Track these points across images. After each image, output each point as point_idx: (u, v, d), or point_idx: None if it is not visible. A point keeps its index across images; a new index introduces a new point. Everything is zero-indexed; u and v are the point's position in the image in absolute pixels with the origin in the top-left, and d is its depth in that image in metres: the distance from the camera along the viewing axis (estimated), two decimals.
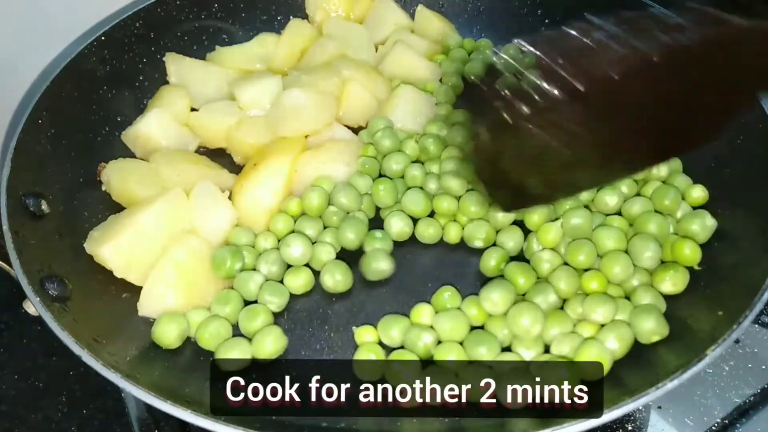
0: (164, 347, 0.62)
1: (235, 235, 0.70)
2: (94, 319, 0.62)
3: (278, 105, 0.78)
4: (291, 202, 0.72)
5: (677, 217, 0.68)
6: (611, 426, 0.64)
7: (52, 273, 0.62)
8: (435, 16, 0.95)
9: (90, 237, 0.67)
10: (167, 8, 0.87)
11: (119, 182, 0.72)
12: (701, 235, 0.65)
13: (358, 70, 0.84)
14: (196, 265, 0.66)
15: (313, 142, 0.78)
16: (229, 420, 0.50)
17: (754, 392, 0.65)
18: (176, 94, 0.83)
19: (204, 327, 0.62)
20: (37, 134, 0.71)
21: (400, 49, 0.88)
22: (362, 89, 0.82)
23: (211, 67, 0.88)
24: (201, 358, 0.62)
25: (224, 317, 0.63)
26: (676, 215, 0.68)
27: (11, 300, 0.63)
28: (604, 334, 0.58)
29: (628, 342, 0.58)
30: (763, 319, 0.70)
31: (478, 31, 0.97)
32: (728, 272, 0.63)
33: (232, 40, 0.93)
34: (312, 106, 0.77)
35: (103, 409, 0.66)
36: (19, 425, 0.65)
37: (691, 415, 0.64)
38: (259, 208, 0.72)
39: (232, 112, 0.81)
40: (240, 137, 0.78)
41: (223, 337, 0.62)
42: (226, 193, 0.73)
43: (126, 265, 0.64)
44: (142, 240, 0.65)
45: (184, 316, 0.63)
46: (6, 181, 0.65)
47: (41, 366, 0.69)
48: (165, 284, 0.64)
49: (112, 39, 0.82)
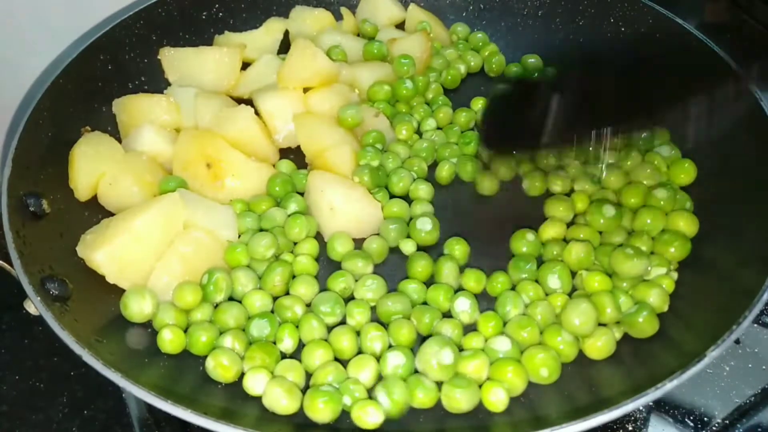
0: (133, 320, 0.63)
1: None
2: (95, 319, 0.62)
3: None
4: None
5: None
6: (611, 426, 0.64)
7: (52, 273, 0.62)
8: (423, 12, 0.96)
9: (82, 240, 0.66)
10: (167, 8, 0.88)
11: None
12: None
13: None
14: (201, 258, 0.66)
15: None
16: (229, 420, 0.50)
17: (755, 392, 0.65)
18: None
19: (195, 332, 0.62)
20: (38, 134, 0.71)
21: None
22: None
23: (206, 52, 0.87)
24: (201, 358, 0.62)
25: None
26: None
27: (12, 300, 0.63)
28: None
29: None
30: (763, 319, 0.70)
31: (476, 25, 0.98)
32: (728, 272, 0.63)
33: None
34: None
35: (104, 409, 0.66)
36: (20, 425, 0.65)
37: (691, 415, 0.64)
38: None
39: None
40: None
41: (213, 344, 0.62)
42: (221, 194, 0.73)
43: (119, 271, 0.64)
44: (136, 246, 0.65)
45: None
46: (7, 181, 0.65)
47: (42, 366, 0.69)
48: (171, 277, 0.65)
49: (113, 39, 0.82)
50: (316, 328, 0.63)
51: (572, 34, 0.93)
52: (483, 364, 0.59)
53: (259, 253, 0.68)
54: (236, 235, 0.70)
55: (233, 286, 0.66)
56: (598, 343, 0.60)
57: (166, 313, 0.63)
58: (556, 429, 0.49)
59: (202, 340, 0.61)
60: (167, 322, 0.63)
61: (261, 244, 0.68)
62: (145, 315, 0.63)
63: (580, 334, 0.61)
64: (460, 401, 0.56)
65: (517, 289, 0.66)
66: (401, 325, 0.62)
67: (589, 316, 0.60)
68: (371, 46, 0.89)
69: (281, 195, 0.75)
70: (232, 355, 0.60)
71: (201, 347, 0.61)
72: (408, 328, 0.62)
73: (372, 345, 0.61)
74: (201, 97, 0.81)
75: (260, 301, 0.65)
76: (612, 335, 0.61)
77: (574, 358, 0.61)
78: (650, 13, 0.86)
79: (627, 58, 0.69)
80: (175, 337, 0.62)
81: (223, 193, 0.74)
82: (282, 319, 0.64)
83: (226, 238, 0.70)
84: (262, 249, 0.68)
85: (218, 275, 0.65)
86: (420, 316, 0.63)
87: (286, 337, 0.62)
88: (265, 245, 0.68)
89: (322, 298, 0.65)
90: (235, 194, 0.74)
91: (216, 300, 0.65)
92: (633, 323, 0.61)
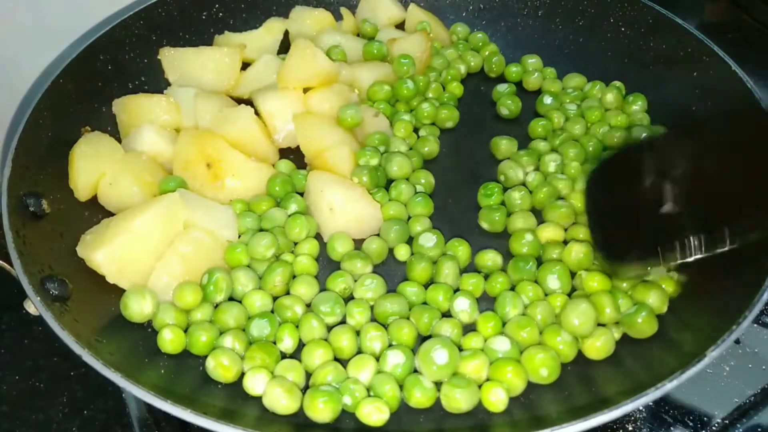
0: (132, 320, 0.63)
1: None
2: (95, 319, 0.62)
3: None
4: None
5: None
6: (611, 426, 0.64)
7: (52, 273, 0.62)
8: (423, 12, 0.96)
9: (82, 240, 0.66)
10: (167, 8, 0.88)
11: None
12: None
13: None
14: (201, 257, 0.66)
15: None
16: (229, 420, 0.50)
17: (754, 392, 0.65)
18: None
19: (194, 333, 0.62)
20: (38, 134, 0.71)
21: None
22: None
23: (206, 52, 0.87)
24: (201, 358, 0.62)
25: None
26: None
27: (12, 301, 0.63)
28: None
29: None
30: (763, 319, 0.70)
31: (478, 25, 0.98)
32: (728, 272, 0.63)
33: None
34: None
35: (104, 409, 0.66)
36: (20, 425, 0.65)
37: (691, 415, 0.64)
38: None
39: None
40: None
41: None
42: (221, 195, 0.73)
43: (119, 271, 0.64)
44: (136, 246, 0.65)
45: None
46: (7, 181, 0.65)
47: (42, 366, 0.69)
48: (171, 277, 0.65)
49: (113, 39, 0.82)
50: (316, 327, 0.63)
51: (572, 34, 0.93)
52: (483, 364, 0.59)
53: (259, 253, 0.68)
54: (236, 235, 0.70)
55: (233, 286, 0.66)
56: (597, 343, 0.60)
57: (166, 313, 0.63)
58: (556, 429, 0.49)
59: (202, 340, 0.61)
60: (167, 322, 0.63)
61: (261, 244, 0.68)
62: (145, 315, 0.63)
63: (579, 335, 0.61)
64: (459, 401, 0.56)
65: (517, 290, 0.66)
66: (402, 325, 0.62)
67: (588, 316, 0.60)
68: (371, 46, 0.89)
69: (281, 195, 0.75)
70: (232, 355, 0.60)
71: (201, 347, 0.61)
72: (408, 328, 0.62)
73: (371, 345, 0.61)
74: (201, 97, 0.81)
75: (260, 301, 0.65)
76: (611, 335, 0.61)
77: (574, 358, 0.61)
78: (650, 13, 0.86)
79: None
80: (176, 337, 0.61)
81: (223, 193, 0.74)
82: (282, 318, 0.64)
83: (226, 238, 0.70)
84: (262, 249, 0.68)
85: (218, 275, 0.65)
86: (419, 316, 0.63)
87: (286, 337, 0.62)
88: (265, 245, 0.68)
89: (321, 298, 0.65)
90: (235, 194, 0.74)
91: (216, 300, 0.65)
92: (632, 324, 0.61)
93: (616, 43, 0.89)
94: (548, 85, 0.90)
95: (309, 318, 0.63)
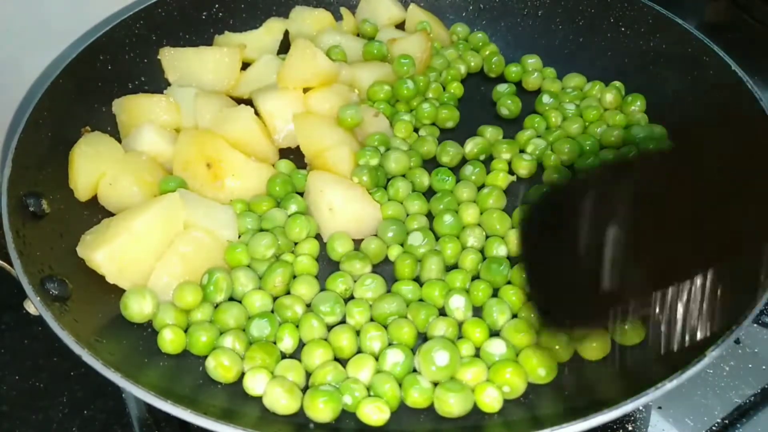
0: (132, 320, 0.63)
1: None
2: (95, 319, 0.62)
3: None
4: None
5: None
6: (611, 426, 0.64)
7: (52, 273, 0.62)
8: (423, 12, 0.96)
9: (82, 240, 0.66)
10: (167, 8, 0.88)
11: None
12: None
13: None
14: (201, 257, 0.66)
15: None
16: (229, 420, 0.50)
17: (755, 392, 0.65)
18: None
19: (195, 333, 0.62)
20: (38, 134, 0.71)
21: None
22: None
23: (206, 52, 0.87)
24: (201, 358, 0.62)
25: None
26: None
27: (12, 300, 0.63)
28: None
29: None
30: (763, 319, 0.70)
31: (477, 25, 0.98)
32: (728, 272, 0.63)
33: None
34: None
35: (104, 409, 0.66)
36: (20, 426, 0.65)
37: (691, 415, 0.64)
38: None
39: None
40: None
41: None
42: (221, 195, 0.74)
43: (119, 271, 0.64)
44: (136, 246, 0.64)
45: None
46: (7, 181, 0.65)
47: (42, 366, 0.69)
48: (171, 277, 0.65)
49: (113, 39, 0.82)
50: (316, 327, 0.63)
51: (572, 34, 0.93)
52: (481, 371, 0.59)
53: (259, 253, 0.68)
54: (236, 235, 0.70)
55: (233, 286, 0.66)
56: (593, 343, 0.60)
57: (166, 313, 0.63)
58: (556, 429, 0.49)
59: (202, 340, 0.61)
60: (167, 322, 0.63)
61: (261, 244, 0.68)
62: (145, 315, 0.63)
63: (573, 336, 0.61)
64: (452, 406, 0.56)
65: (500, 295, 0.66)
66: (401, 324, 0.62)
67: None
68: (371, 46, 0.89)
69: (281, 195, 0.75)
70: (232, 355, 0.60)
71: (201, 347, 0.61)
72: (408, 327, 0.62)
73: (371, 344, 0.61)
74: (201, 97, 0.81)
75: (260, 301, 0.65)
76: (607, 336, 0.61)
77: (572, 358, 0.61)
78: (650, 13, 0.86)
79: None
80: (176, 337, 0.61)
81: (223, 193, 0.74)
82: (282, 318, 0.64)
83: (226, 238, 0.70)
84: (263, 249, 0.68)
85: (218, 275, 0.65)
86: (416, 313, 0.63)
87: (286, 337, 0.62)
88: (265, 245, 0.68)
89: (321, 298, 0.65)
90: (235, 194, 0.74)
91: (216, 300, 0.65)
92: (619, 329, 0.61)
93: (616, 43, 0.89)
94: (548, 85, 0.90)
95: (309, 318, 0.63)
